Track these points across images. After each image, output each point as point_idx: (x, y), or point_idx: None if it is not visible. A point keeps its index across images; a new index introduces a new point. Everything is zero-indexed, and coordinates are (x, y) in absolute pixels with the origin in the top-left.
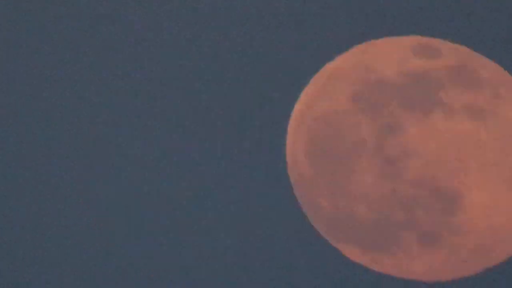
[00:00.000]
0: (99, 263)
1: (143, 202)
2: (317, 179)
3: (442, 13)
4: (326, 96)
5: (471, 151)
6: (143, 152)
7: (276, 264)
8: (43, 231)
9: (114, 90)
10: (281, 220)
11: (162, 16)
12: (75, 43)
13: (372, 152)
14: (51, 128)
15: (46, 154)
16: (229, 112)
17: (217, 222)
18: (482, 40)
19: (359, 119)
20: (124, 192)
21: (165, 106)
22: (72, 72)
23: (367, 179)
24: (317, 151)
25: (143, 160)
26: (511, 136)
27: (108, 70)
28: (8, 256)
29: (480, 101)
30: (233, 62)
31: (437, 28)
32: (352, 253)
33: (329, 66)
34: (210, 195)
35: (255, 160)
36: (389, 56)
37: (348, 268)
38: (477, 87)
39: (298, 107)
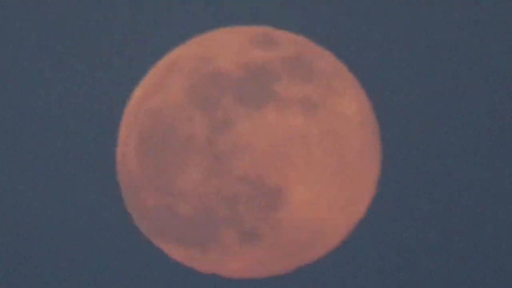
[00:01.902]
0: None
1: None
2: (144, 177)
3: (282, 2)
4: (161, 90)
5: (299, 147)
6: None
7: (100, 267)
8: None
9: None
10: (106, 220)
11: None
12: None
13: (202, 148)
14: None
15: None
16: (63, 105)
17: (40, 220)
18: (320, 30)
19: (192, 113)
20: None
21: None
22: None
23: (193, 175)
24: (147, 147)
25: None
26: (339, 131)
27: None
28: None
29: (314, 94)
30: (72, 51)
31: (276, 18)
32: (174, 252)
33: (167, 58)
34: (35, 195)
35: (85, 157)
36: (226, 47)
37: (169, 268)
38: (311, 79)
39: (132, 101)
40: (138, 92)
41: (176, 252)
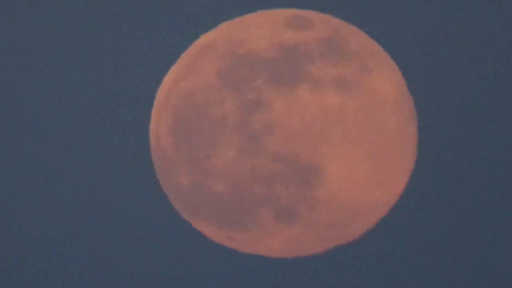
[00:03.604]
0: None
1: None
2: (178, 157)
3: None
4: (193, 72)
5: (334, 125)
6: None
7: (136, 247)
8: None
9: None
10: (142, 201)
11: None
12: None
13: (235, 128)
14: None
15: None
16: (95, 89)
17: (79, 205)
18: (353, 10)
19: (224, 95)
20: None
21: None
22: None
23: (227, 155)
24: (180, 129)
25: None
26: (375, 109)
27: None
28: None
29: (348, 74)
30: (106, 35)
31: (311, 1)
32: (209, 230)
33: (199, 42)
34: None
35: (119, 141)
36: (260, 29)
37: (205, 247)
38: (346, 59)
39: (164, 84)
40: (170, 75)
41: (213, 232)
